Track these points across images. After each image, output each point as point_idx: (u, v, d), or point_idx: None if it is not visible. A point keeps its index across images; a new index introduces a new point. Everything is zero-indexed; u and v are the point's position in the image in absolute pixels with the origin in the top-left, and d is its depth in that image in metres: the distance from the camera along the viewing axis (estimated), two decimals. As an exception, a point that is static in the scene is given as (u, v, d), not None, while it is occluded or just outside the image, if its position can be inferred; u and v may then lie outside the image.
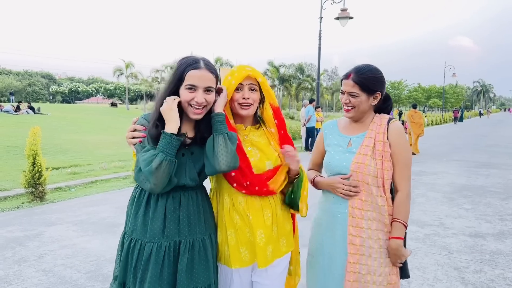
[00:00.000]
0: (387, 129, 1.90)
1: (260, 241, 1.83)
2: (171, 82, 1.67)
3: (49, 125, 17.64)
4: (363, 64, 1.95)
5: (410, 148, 1.96)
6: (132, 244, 1.68)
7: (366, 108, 1.93)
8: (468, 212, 5.70)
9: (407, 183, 1.89)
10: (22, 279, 3.45)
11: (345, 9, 13.85)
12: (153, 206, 1.67)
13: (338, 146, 2.00)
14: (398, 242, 1.85)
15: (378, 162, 1.86)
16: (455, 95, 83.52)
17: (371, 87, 1.89)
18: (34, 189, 6.15)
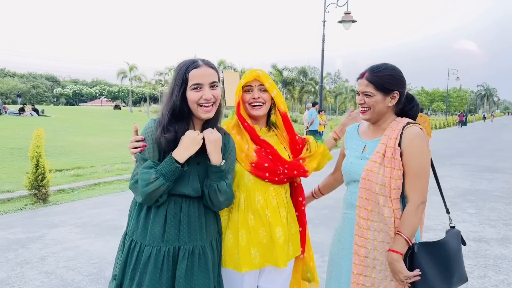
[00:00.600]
0: (400, 135, 1.76)
1: (279, 239, 1.85)
2: (175, 87, 1.67)
3: (52, 127, 17.70)
4: (380, 63, 1.86)
5: (427, 157, 1.75)
6: (132, 245, 1.68)
7: (383, 109, 1.82)
8: (472, 217, 5.67)
9: (419, 194, 1.73)
10: (24, 281, 3.45)
11: (348, 12, 13.87)
12: (154, 210, 1.67)
13: (355, 150, 1.94)
14: (393, 256, 1.69)
15: (387, 170, 1.74)
16: (458, 98, 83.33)
17: (386, 86, 1.78)
18: (37, 191, 6.17)
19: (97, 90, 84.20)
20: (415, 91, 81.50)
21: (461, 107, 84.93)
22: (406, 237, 1.69)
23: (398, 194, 1.74)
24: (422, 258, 1.69)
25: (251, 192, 1.87)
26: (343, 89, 59.34)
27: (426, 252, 1.72)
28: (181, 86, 1.65)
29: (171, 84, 1.71)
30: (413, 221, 1.71)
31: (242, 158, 1.87)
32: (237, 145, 1.88)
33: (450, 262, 1.78)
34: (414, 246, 1.71)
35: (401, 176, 1.73)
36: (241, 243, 1.84)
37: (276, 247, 1.84)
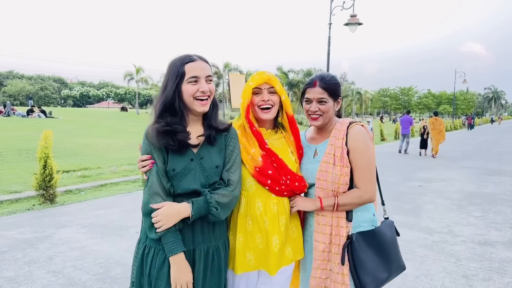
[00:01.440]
0: (346, 134, 1.91)
1: (275, 247, 1.84)
2: (169, 81, 1.65)
3: (60, 128, 17.86)
4: (323, 72, 2.04)
5: (371, 152, 1.90)
6: (146, 251, 1.66)
7: (332, 114, 1.98)
8: (478, 220, 5.65)
9: (368, 184, 1.87)
10: (32, 280, 3.50)
11: (354, 15, 13.86)
12: None
13: (306, 156, 2.03)
14: (315, 203, 1.87)
15: (337, 168, 1.87)
16: (465, 101, 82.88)
17: (336, 92, 1.96)
18: (45, 191, 6.24)
19: (104, 92, 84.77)
20: (421, 94, 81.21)
21: (468, 110, 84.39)
22: (337, 202, 1.85)
23: (345, 188, 1.89)
24: (360, 247, 1.85)
25: (252, 197, 1.87)
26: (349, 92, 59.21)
27: (363, 240, 1.87)
28: (175, 79, 1.63)
29: (164, 79, 1.69)
30: (351, 200, 1.86)
31: (248, 160, 1.86)
32: (243, 146, 1.88)
33: (387, 251, 1.93)
34: (353, 236, 1.86)
35: (348, 172, 1.86)
36: (237, 246, 1.86)
37: (271, 255, 1.85)
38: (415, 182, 8.76)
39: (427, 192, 7.54)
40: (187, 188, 1.64)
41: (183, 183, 1.63)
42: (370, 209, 1.97)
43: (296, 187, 1.92)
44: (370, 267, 1.85)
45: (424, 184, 8.41)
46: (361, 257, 1.84)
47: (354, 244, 1.84)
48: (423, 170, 10.55)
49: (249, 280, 1.92)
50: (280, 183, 1.86)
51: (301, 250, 2.00)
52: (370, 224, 1.93)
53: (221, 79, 43.09)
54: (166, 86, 1.65)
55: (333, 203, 1.85)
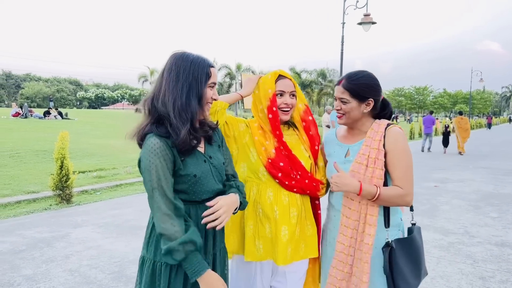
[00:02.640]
0: (384, 136, 1.84)
1: (283, 237, 1.87)
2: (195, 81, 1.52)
3: (76, 130, 18.13)
4: (357, 71, 1.93)
5: (410, 154, 1.84)
6: (175, 270, 1.51)
7: (357, 115, 1.90)
8: (495, 221, 5.55)
9: (410, 186, 1.80)
10: (49, 278, 3.57)
11: (368, 14, 13.76)
12: (195, 223, 1.54)
13: (337, 156, 1.98)
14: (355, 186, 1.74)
15: (369, 170, 1.81)
16: (482, 100, 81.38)
17: (361, 93, 1.86)
18: (62, 191, 6.35)
19: (119, 94, 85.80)
20: (437, 93, 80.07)
21: (485, 109, 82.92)
22: (379, 192, 1.74)
23: None
24: (399, 254, 1.78)
25: (264, 187, 1.92)
26: (363, 92, 58.72)
27: (401, 247, 1.80)
28: (204, 81, 1.53)
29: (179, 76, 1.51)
30: (394, 196, 1.77)
31: (262, 152, 1.91)
32: (258, 139, 1.94)
33: (419, 257, 1.88)
34: (392, 243, 1.78)
35: (382, 176, 1.79)
36: (248, 233, 1.91)
37: (279, 244, 1.87)
38: (431, 182, 8.65)
39: (443, 193, 7.44)
40: (212, 189, 1.59)
41: (207, 185, 1.57)
42: (398, 213, 1.90)
43: (306, 185, 1.92)
44: (406, 274, 1.79)
45: (440, 185, 8.30)
46: (400, 265, 1.77)
47: (394, 251, 1.77)
48: (439, 171, 10.40)
49: (265, 277, 1.94)
50: (291, 177, 1.89)
51: (315, 248, 2.00)
52: (397, 228, 1.87)
53: (234, 80, 43.19)
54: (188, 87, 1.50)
55: (375, 192, 1.74)
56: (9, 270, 3.73)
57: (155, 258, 1.54)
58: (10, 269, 3.76)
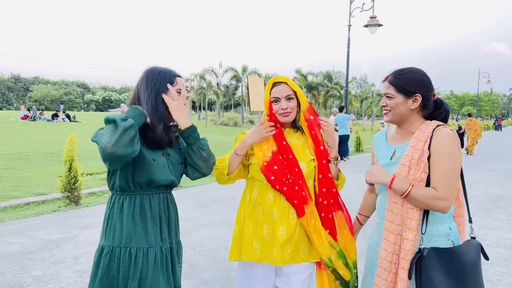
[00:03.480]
0: (430, 137, 1.72)
1: (281, 237, 1.88)
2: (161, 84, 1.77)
3: (83, 132, 18.23)
4: (407, 67, 1.86)
5: (457, 159, 1.70)
6: (134, 254, 1.62)
7: (404, 111, 1.80)
8: (503, 223, 5.52)
9: (447, 191, 1.65)
10: (59, 279, 3.61)
11: (374, 16, 13.75)
12: (148, 211, 1.70)
13: (383, 157, 1.91)
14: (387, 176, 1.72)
15: (412, 172, 1.71)
16: (490, 102, 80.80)
17: (407, 88, 1.77)
18: (70, 193, 6.41)
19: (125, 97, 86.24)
20: (444, 95, 79.60)
21: (492, 111, 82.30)
22: (410, 189, 1.65)
23: None
24: (431, 264, 1.63)
25: (265, 188, 1.96)
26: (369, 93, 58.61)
27: (436, 258, 1.65)
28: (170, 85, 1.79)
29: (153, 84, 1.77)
30: (425, 197, 1.65)
31: (259, 156, 1.97)
32: (257, 144, 2.00)
33: (463, 273, 1.69)
34: (424, 250, 1.65)
35: (424, 179, 1.69)
36: (246, 233, 1.95)
37: (276, 244, 1.88)
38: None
39: (450, 195, 7.40)
40: (167, 178, 1.74)
41: (163, 173, 1.72)
42: (446, 221, 1.77)
43: (295, 192, 1.90)
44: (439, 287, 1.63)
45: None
46: (431, 275, 1.63)
47: (424, 259, 1.64)
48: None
49: (268, 277, 1.96)
50: (283, 182, 1.91)
51: (317, 252, 1.96)
52: (446, 238, 1.73)
53: (240, 82, 43.27)
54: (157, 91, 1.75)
55: (405, 189, 1.66)
56: (19, 271, 3.78)
57: (113, 244, 1.65)
58: (20, 270, 3.80)
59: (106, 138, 1.47)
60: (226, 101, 57.88)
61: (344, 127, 12.88)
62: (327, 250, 1.92)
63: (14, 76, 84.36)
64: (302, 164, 1.98)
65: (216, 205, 6.34)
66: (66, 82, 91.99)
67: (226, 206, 5.84)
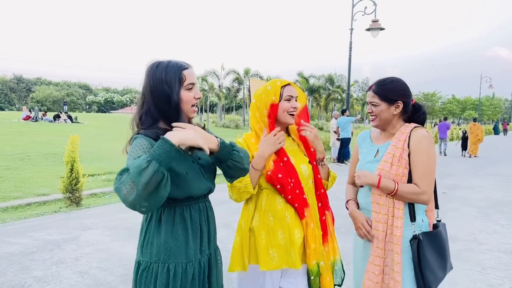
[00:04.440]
0: (408, 137, 1.97)
1: (297, 240, 1.91)
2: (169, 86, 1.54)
3: (85, 133, 18.31)
4: (387, 77, 2.09)
5: (432, 156, 1.97)
6: (172, 271, 1.52)
7: (388, 117, 2.04)
8: (504, 228, 5.51)
9: (427, 186, 1.92)
10: (59, 279, 3.62)
11: (376, 20, 13.77)
12: (189, 223, 1.58)
13: (367, 155, 2.12)
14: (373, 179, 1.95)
15: (394, 168, 1.95)
16: (491, 107, 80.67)
17: (390, 96, 2.01)
18: (71, 194, 6.42)
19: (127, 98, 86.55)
20: (445, 99, 79.53)
21: (494, 116, 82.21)
22: (397, 187, 1.90)
23: None
24: (426, 247, 1.91)
25: (273, 194, 1.97)
26: (371, 97, 58.57)
27: (428, 240, 1.93)
28: (176, 85, 1.55)
29: (154, 84, 1.56)
30: (410, 193, 1.91)
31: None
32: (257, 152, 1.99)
33: (444, 250, 2.01)
34: (420, 235, 1.91)
35: (406, 174, 1.93)
36: (260, 243, 1.93)
37: (295, 248, 1.90)
38: (440, 188, 8.58)
39: (451, 199, 7.39)
40: (204, 187, 1.61)
41: (200, 183, 1.59)
42: (419, 214, 2.01)
43: (297, 195, 1.93)
44: (434, 266, 1.92)
45: (448, 191, 8.25)
46: (427, 256, 1.90)
47: (421, 243, 1.90)
48: (448, 177, 10.33)
49: (275, 278, 1.97)
50: (289, 190, 1.92)
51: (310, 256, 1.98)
52: (419, 229, 1.96)
53: (242, 84, 43.32)
54: (161, 92, 1.54)
55: (393, 187, 1.91)
56: (20, 271, 3.79)
57: (151, 260, 1.54)
58: (21, 270, 3.81)
59: (125, 190, 1.29)
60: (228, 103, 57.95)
61: (346, 130, 12.87)
62: (319, 255, 1.95)
63: (16, 76, 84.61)
64: (304, 167, 2.02)
65: (217, 207, 6.34)
66: (68, 83, 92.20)
67: (227, 208, 5.85)
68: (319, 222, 2.03)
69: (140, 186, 1.26)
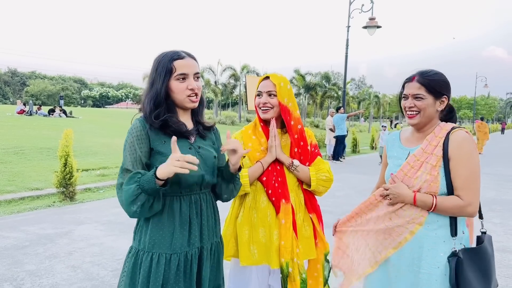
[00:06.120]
0: (445, 141, 1.74)
1: (276, 241, 1.91)
2: (157, 77, 1.62)
3: (80, 128, 18.21)
4: (427, 69, 1.85)
5: (476, 160, 1.72)
6: (155, 260, 1.55)
7: (432, 113, 1.79)
8: (497, 227, 5.55)
9: (472, 196, 1.68)
10: (52, 274, 3.60)
11: (373, 18, 13.79)
12: (177, 215, 1.58)
13: (397, 159, 1.89)
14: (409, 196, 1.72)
15: (419, 174, 1.74)
16: (486, 106, 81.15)
17: (438, 89, 1.77)
18: (65, 189, 6.40)
19: (123, 93, 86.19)
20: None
21: (489, 115, 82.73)
22: (435, 202, 1.68)
23: None
24: (467, 265, 1.67)
25: (258, 191, 1.98)
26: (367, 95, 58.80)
27: (469, 258, 1.70)
28: (164, 76, 1.61)
29: (151, 75, 1.66)
30: (451, 207, 1.69)
31: (256, 157, 1.99)
32: (252, 146, 2.01)
33: (489, 268, 1.76)
34: (459, 253, 1.68)
35: (429, 180, 1.72)
36: (243, 238, 1.95)
37: (272, 248, 1.91)
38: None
39: (444, 198, 7.43)
40: (196, 174, 1.55)
41: (190, 171, 1.50)
42: (460, 225, 1.77)
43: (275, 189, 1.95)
44: (475, 286, 1.68)
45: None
46: (468, 276, 1.66)
47: (461, 262, 1.66)
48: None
49: (261, 275, 1.98)
50: (271, 184, 1.96)
51: (312, 250, 2.02)
52: (459, 242, 1.74)
53: (238, 81, 43.25)
54: (153, 83, 1.63)
55: (431, 202, 1.69)
56: (12, 265, 3.77)
57: (139, 247, 1.60)
58: (13, 264, 3.80)
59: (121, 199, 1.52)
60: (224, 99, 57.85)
61: (340, 128, 12.91)
62: (287, 254, 1.91)
63: (11, 70, 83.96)
64: (296, 162, 2.02)
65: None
66: (63, 78, 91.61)
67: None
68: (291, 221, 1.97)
69: (131, 213, 1.50)
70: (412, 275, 1.75)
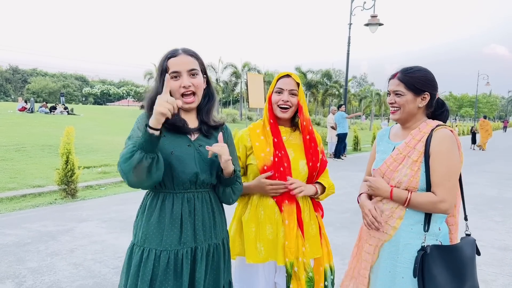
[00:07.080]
0: (428, 137, 1.76)
1: (282, 238, 1.90)
2: (157, 76, 1.67)
3: (81, 125, 18.23)
4: (413, 65, 1.87)
5: (456, 159, 1.72)
6: (145, 254, 1.57)
7: (413, 109, 1.82)
8: (498, 225, 5.54)
9: (446, 193, 1.69)
10: (54, 271, 3.61)
11: (375, 15, 13.74)
12: (168, 212, 1.58)
13: (383, 153, 1.94)
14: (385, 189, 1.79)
15: (395, 164, 1.79)
16: (488, 104, 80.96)
17: (417, 86, 1.79)
18: (67, 186, 6.40)
19: (124, 91, 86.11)
20: (443, 96, 79.69)
21: (491, 114, 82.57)
22: (409, 197, 1.72)
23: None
24: (433, 261, 1.68)
25: None
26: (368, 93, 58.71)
27: (438, 255, 1.70)
28: (160, 75, 1.65)
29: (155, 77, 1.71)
30: (425, 203, 1.71)
31: (260, 157, 1.96)
32: (260, 145, 1.98)
33: (462, 269, 1.75)
34: (427, 248, 1.70)
35: (409, 174, 1.74)
36: (249, 236, 1.94)
37: (279, 244, 1.90)
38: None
39: (446, 196, 7.42)
40: (191, 171, 1.58)
41: (186, 166, 1.59)
42: (436, 222, 1.78)
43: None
44: (441, 284, 1.68)
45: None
46: (434, 273, 1.67)
47: (427, 257, 1.68)
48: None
49: (268, 273, 1.98)
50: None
51: (318, 248, 2.03)
52: (434, 238, 1.76)
53: (239, 79, 43.20)
54: (154, 81, 1.70)
55: (405, 197, 1.73)
56: (14, 262, 3.78)
57: (134, 240, 1.65)
58: (15, 261, 3.80)
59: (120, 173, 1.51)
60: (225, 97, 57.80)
61: (342, 126, 12.88)
62: (291, 254, 1.91)
63: (12, 67, 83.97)
64: (302, 163, 2.00)
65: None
66: (64, 75, 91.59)
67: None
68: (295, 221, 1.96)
69: (126, 173, 1.45)
70: (390, 269, 1.80)
